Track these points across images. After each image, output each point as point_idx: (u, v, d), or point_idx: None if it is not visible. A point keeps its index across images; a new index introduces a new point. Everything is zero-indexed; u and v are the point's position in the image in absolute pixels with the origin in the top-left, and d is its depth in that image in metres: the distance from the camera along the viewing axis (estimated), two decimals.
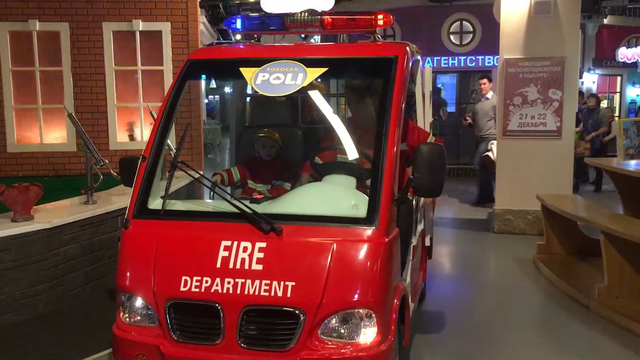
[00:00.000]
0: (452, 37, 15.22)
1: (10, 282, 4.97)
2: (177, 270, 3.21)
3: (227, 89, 17.97)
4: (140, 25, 8.22)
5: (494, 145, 9.32)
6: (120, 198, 6.13)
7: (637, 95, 19.26)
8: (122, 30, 8.27)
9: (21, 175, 8.03)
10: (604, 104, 19.65)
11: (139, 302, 3.31)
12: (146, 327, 3.30)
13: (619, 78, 19.14)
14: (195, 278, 3.16)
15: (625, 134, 6.59)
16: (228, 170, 4.61)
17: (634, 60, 18.33)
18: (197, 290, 3.14)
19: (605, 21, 17.79)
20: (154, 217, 3.48)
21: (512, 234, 8.19)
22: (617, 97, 19.44)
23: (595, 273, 5.91)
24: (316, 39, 14.52)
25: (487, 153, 9.67)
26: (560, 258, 6.75)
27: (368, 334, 3.09)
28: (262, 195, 3.84)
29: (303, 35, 12.91)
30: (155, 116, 3.91)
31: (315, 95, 4.08)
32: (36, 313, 5.12)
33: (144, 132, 8.44)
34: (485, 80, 10.39)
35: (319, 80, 3.81)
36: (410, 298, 3.97)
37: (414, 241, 4.33)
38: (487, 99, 10.21)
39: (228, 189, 4.45)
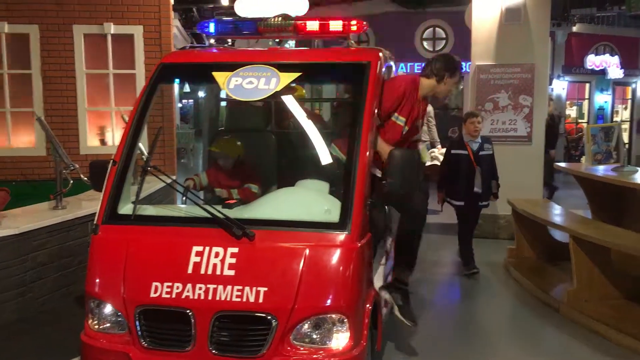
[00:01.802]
0: (425, 43, 15.38)
1: None
2: (148, 276, 3.18)
3: (201, 93, 17.86)
4: (112, 28, 8.12)
5: (435, 152, 9.25)
6: (90, 203, 6.03)
7: (605, 102, 19.67)
8: (93, 33, 8.16)
9: None
10: (572, 110, 20.06)
11: (108, 308, 3.27)
12: (115, 334, 3.26)
13: (587, 85, 19.53)
14: (166, 284, 3.13)
15: (593, 139, 6.73)
16: (198, 175, 4.59)
17: (602, 68, 18.74)
18: (168, 296, 3.11)
19: (574, 29, 18.14)
20: (124, 222, 3.44)
21: (483, 238, 8.27)
22: (585, 103, 19.83)
23: (565, 277, 6.00)
24: (291, 44, 14.53)
25: (434, 162, 9.19)
26: (530, 262, 6.84)
27: (340, 339, 3.09)
28: (234, 200, 3.81)
29: (277, 40, 12.93)
30: (127, 120, 3.87)
31: (289, 100, 4.08)
32: (3, 321, 5.00)
33: (115, 137, 8.33)
34: None
35: (295, 85, 3.81)
36: (383, 303, 3.98)
37: (387, 246, 4.35)
38: None
39: (201, 194, 4.42)
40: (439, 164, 8.71)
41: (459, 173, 6.50)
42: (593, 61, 18.67)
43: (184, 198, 3.96)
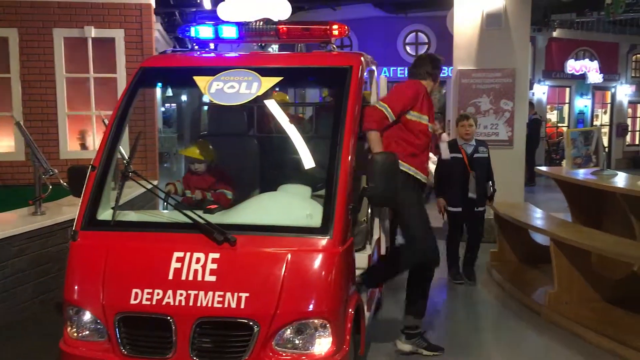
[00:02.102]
0: (408, 47, 15.46)
1: None
2: (128, 283, 3.14)
3: (184, 97, 17.75)
4: (93, 32, 8.05)
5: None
6: (70, 209, 5.95)
7: (585, 107, 19.91)
8: (73, 36, 8.08)
9: None
10: (553, 114, 20.27)
11: (87, 316, 3.22)
12: (95, 341, 3.22)
13: (567, 89, 19.75)
14: (146, 290, 3.09)
15: (573, 143, 6.78)
16: (179, 181, 4.53)
17: (582, 72, 18.97)
18: (148, 302, 3.07)
19: (555, 34, 18.35)
20: (103, 228, 3.40)
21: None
22: (566, 107, 20.05)
23: (546, 280, 6.04)
24: (274, 49, 14.52)
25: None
26: (512, 265, 6.88)
27: (323, 344, 3.08)
28: (215, 206, 3.78)
29: (262, 45, 12.89)
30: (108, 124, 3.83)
31: (271, 105, 4.07)
32: None
33: (96, 141, 8.25)
34: None
35: (277, 90, 3.80)
36: (365, 307, 3.98)
37: (369, 250, 4.35)
38: None
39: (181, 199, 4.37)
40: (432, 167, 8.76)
41: (453, 177, 6.34)
42: (573, 66, 18.90)
43: (165, 203, 3.92)
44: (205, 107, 5.65)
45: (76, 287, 3.27)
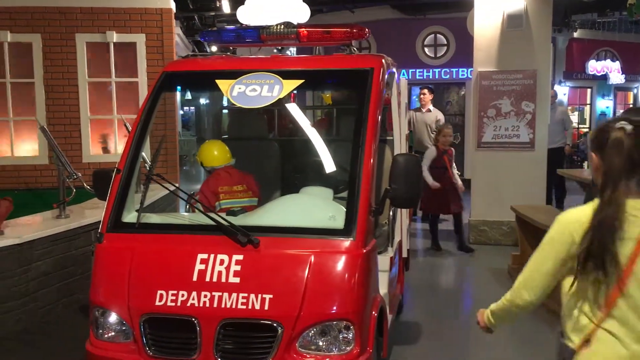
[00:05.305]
0: (426, 49, 15.39)
1: None
2: (153, 285, 3.16)
3: (203, 101, 17.85)
4: (114, 36, 8.14)
5: None
6: (93, 212, 6.03)
7: (607, 107, 19.67)
8: (95, 41, 8.18)
9: None
10: (574, 116, 20.06)
11: (113, 317, 3.25)
12: (121, 343, 3.24)
13: (589, 90, 19.53)
14: (171, 292, 3.12)
15: None
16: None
17: (604, 73, 18.75)
18: (173, 304, 3.10)
19: (575, 35, 18.16)
20: (128, 230, 3.43)
21: (487, 244, 8.25)
22: (587, 108, 19.84)
23: None
24: (292, 51, 14.56)
25: None
26: None
27: (346, 346, 3.08)
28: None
29: (279, 48, 12.93)
30: (130, 128, 3.87)
31: (292, 108, 4.08)
32: (7, 331, 4.98)
33: (117, 145, 8.34)
34: (425, 91, 9.66)
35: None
36: (388, 309, 3.97)
37: (391, 252, 4.34)
38: (430, 110, 9.51)
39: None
40: None
41: None
42: (594, 66, 18.69)
43: (187, 205, 3.95)
44: (225, 111, 5.69)
45: (102, 289, 3.31)
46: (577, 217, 2.14)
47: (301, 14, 8.13)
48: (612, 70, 18.79)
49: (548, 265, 2.24)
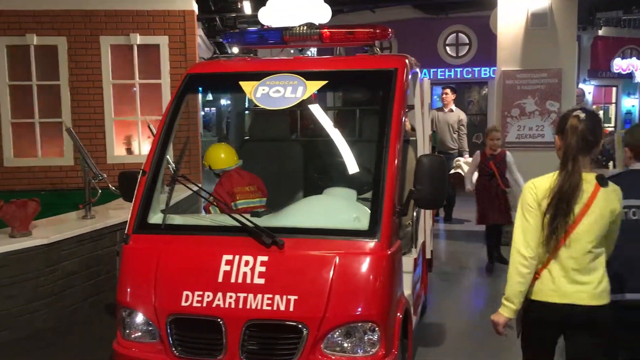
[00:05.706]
0: (448, 49, 15.29)
1: (7, 299, 4.92)
2: (178, 285, 3.18)
3: (224, 102, 17.94)
4: (138, 39, 8.23)
5: (460, 161, 9.08)
6: (118, 212, 6.09)
7: (633, 106, 19.33)
8: (119, 43, 8.28)
9: (18, 190, 7.98)
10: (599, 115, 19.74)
11: (139, 317, 3.28)
12: (147, 343, 3.27)
13: (614, 89, 19.21)
14: (196, 293, 3.13)
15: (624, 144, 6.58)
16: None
17: (629, 71, 18.43)
18: (199, 305, 3.11)
19: (600, 32, 17.88)
20: (154, 231, 3.46)
21: (509, 245, 8.13)
22: (612, 107, 19.52)
23: None
24: (312, 52, 14.56)
25: (457, 170, 9.03)
26: None
27: (372, 348, 3.06)
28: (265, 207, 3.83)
29: (300, 49, 12.94)
30: (154, 130, 3.90)
31: (315, 109, 4.08)
32: (34, 330, 5.06)
33: (141, 146, 8.42)
34: (448, 91, 9.61)
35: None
36: (412, 311, 3.95)
37: (415, 253, 4.31)
38: (452, 110, 9.56)
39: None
40: (462, 173, 8.61)
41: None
42: (620, 65, 18.39)
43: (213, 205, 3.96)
44: (247, 112, 5.70)
45: (129, 290, 3.34)
46: (537, 184, 2.84)
47: (323, 14, 8.12)
48: (638, 68, 18.45)
49: (530, 221, 2.83)
